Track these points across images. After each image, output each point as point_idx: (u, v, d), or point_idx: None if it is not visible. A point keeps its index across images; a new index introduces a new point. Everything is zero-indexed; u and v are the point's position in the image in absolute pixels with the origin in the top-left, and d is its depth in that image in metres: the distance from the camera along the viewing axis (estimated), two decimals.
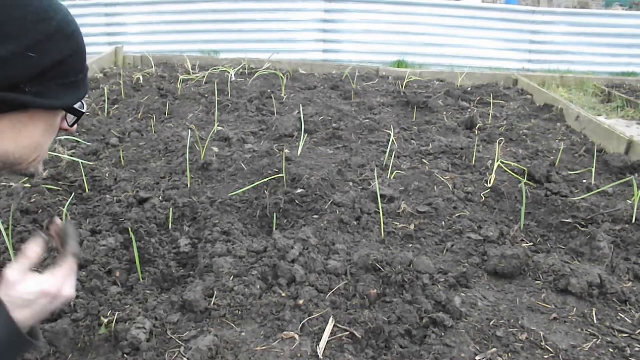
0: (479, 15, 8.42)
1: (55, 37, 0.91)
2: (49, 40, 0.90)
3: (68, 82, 0.97)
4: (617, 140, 3.33)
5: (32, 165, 1.04)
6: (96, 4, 8.10)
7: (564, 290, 1.82)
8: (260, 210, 2.32)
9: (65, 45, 0.94)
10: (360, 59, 7.79)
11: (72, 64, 0.97)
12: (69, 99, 0.99)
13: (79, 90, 1.01)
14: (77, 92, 1.01)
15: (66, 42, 0.94)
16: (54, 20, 0.90)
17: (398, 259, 1.88)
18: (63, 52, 0.93)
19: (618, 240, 2.15)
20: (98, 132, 3.30)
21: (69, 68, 0.96)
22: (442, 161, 2.96)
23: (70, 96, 0.99)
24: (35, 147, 1.01)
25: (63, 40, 0.93)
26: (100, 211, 2.25)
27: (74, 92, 1.00)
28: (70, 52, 0.95)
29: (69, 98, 0.99)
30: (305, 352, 1.47)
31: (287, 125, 3.42)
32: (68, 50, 0.94)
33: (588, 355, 1.51)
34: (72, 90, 0.99)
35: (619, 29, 8.45)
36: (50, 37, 0.90)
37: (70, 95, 0.99)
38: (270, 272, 1.82)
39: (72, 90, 0.99)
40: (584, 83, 6.22)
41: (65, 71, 0.96)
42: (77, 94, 1.01)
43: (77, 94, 1.01)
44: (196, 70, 5.27)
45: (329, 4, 8.17)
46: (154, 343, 1.51)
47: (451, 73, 5.64)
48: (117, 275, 1.82)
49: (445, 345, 1.51)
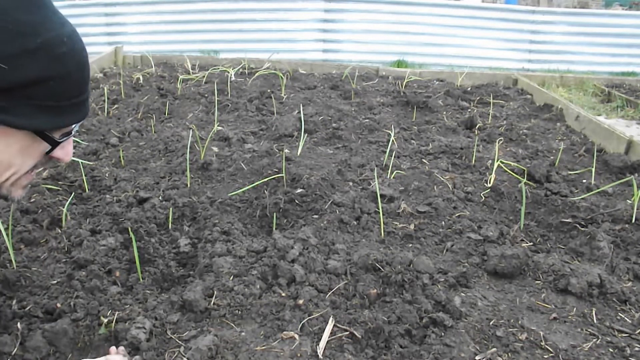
0: (479, 15, 8.42)
1: (37, 54, 0.86)
2: (27, 57, 0.85)
3: (44, 105, 0.90)
4: (617, 140, 3.33)
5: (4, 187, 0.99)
6: (96, 4, 8.10)
7: (564, 290, 1.82)
8: (260, 210, 2.32)
9: (48, 66, 0.88)
10: (360, 59, 7.79)
11: (53, 87, 0.90)
12: (41, 123, 0.92)
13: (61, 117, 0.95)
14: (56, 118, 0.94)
15: (50, 62, 0.88)
16: (39, 38, 0.86)
17: (398, 259, 1.88)
18: (43, 72, 0.88)
19: (618, 240, 2.15)
20: (98, 132, 3.30)
21: (48, 90, 0.90)
22: (442, 161, 2.96)
23: (44, 120, 0.92)
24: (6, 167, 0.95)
25: (46, 60, 0.87)
26: (100, 211, 2.25)
27: (52, 118, 0.93)
28: (53, 73, 0.89)
29: (41, 122, 0.92)
30: (305, 352, 1.47)
31: (287, 125, 3.42)
32: (50, 71, 0.88)
33: (588, 355, 1.51)
34: (49, 114, 0.92)
35: (619, 29, 8.45)
36: (30, 53, 0.85)
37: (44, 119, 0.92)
38: (270, 272, 1.82)
39: (50, 115, 0.92)
40: (584, 83, 6.22)
41: (42, 93, 0.89)
42: (56, 121, 0.94)
43: (56, 120, 0.94)
44: (196, 70, 5.27)
45: (329, 4, 8.17)
46: (154, 343, 1.51)
47: (451, 73, 5.64)
48: (117, 275, 1.82)
49: (445, 345, 1.51)
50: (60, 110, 0.94)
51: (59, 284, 1.74)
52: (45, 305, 1.63)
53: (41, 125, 0.93)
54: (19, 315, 1.59)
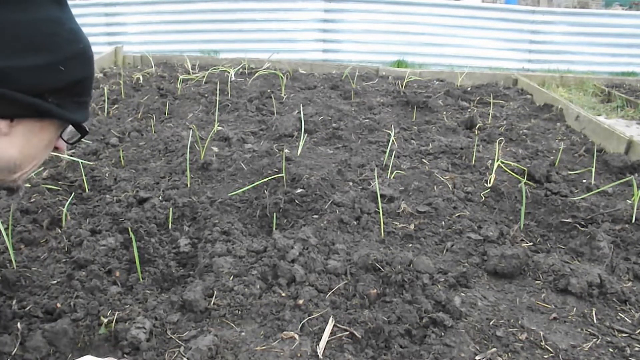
0: (479, 15, 8.42)
1: (81, 58, 1.01)
2: (76, 60, 1.00)
3: (80, 101, 1.06)
4: (617, 140, 3.33)
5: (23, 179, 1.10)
6: (96, 4, 8.10)
7: (564, 290, 1.82)
8: (260, 210, 2.32)
9: (86, 68, 1.03)
10: (360, 59, 7.80)
11: (86, 86, 1.06)
12: (79, 116, 1.08)
13: (86, 111, 1.11)
14: (85, 112, 1.10)
15: (87, 64, 1.03)
16: (81, 43, 1.01)
17: (398, 259, 1.88)
18: (83, 73, 1.03)
19: (618, 240, 2.15)
20: (98, 132, 3.30)
21: (84, 88, 1.05)
22: (442, 161, 2.96)
23: (80, 114, 1.08)
24: (33, 158, 1.07)
25: (85, 62, 1.03)
26: (100, 211, 2.25)
27: (83, 111, 1.09)
28: (88, 74, 1.05)
29: (79, 115, 1.08)
30: (305, 352, 1.47)
31: (287, 125, 3.42)
32: (87, 72, 1.04)
33: (588, 355, 1.51)
34: (82, 109, 1.08)
35: (619, 29, 8.45)
36: (78, 57, 1.00)
37: (80, 113, 1.08)
38: (270, 272, 1.82)
39: (83, 109, 1.08)
40: (584, 83, 6.22)
41: (81, 90, 1.05)
42: (85, 114, 1.10)
43: (85, 113, 1.10)
44: (196, 70, 5.27)
45: (329, 4, 8.17)
46: (154, 343, 1.51)
47: (451, 73, 5.64)
48: (117, 275, 1.82)
49: (445, 345, 1.51)
50: (87, 105, 1.11)
51: (59, 284, 1.74)
52: (45, 305, 1.63)
53: (79, 118, 1.08)
54: (19, 315, 1.59)
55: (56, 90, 0.98)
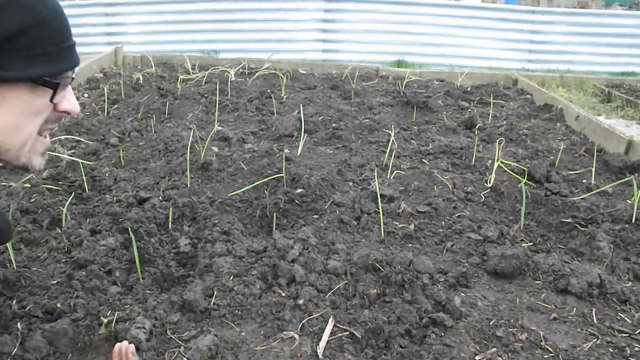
0: (479, 15, 8.41)
1: (9, 7, 0.88)
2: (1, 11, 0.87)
3: (34, 54, 0.93)
4: (617, 140, 3.33)
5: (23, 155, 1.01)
6: (96, 4, 8.09)
7: (564, 290, 1.82)
8: (260, 210, 2.32)
9: (25, 15, 0.90)
10: (360, 59, 7.79)
11: (37, 35, 0.92)
12: (34, 71, 0.94)
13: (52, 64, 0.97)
14: (48, 65, 0.96)
15: (25, 12, 0.90)
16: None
17: (398, 259, 1.88)
18: (23, 23, 0.89)
19: (618, 240, 2.15)
20: (98, 132, 3.30)
21: (32, 39, 0.92)
22: (442, 161, 2.96)
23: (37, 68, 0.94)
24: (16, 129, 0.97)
25: (20, 10, 0.89)
26: (100, 211, 2.25)
27: (44, 65, 0.95)
28: (34, 22, 0.91)
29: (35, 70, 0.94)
30: (305, 352, 1.47)
31: (287, 125, 3.42)
32: (29, 20, 0.90)
33: (588, 355, 1.51)
34: (41, 62, 0.94)
35: (619, 29, 8.44)
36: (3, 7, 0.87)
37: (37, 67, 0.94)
38: (270, 272, 1.82)
39: (42, 62, 0.94)
40: (584, 83, 6.21)
41: (27, 42, 0.91)
42: (49, 67, 0.96)
43: (49, 66, 0.96)
44: (196, 70, 5.27)
45: (329, 4, 8.17)
46: (154, 343, 1.51)
47: (451, 73, 5.64)
48: (117, 275, 1.82)
49: (445, 345, 1.51)
50: (51, 57, 0.96)
51: (59, 284, 1.74)
52: (45, 305, 1.63)
53: (35, 73, 0.94)
54: (19, 315, 1.59)
55: None
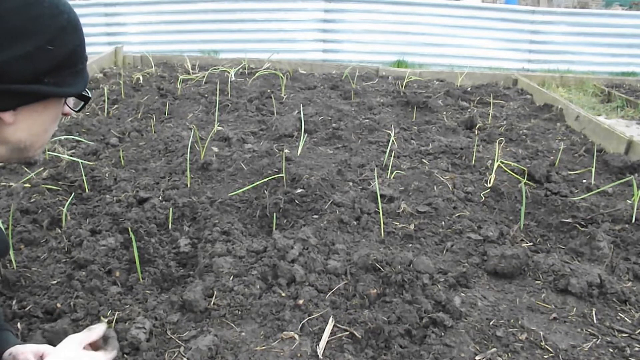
0: (479, 15, 8.42)
1: (68, 29, 0.97)
2: (63, 33, 0.96)
3: (77, 70, 1.03)
4: (617, 140, 3.33)
5: (37, 153, 1.11)
6: (96, 4, 8.10)
7: (564, 290, 1.82)
8: (260, 210, 2.32)
9: (76, 36, 1.00)
10: (360, 59, 7.79)
11: (80, 53, 1.03)
12: (79, 86, 1.05)
13: (85, 77, 1.08)
14: (84, 78, 1.07)
15: (75, 33, 1.00)
16: (65, 14, 0.97)
17: (398, 259, 1.88)
18: (74, 43, 0.99)
19: (618, 240, 2.15)
20: (98, 132, 3.30)
21: (77, 57, 1.02)
22: (442, 161, 2.96)
23: (80, 83, 1.05)
24: (43, 134, 1.08)
25: (73, 31, 0.99)
26: (100, 211, 2.25)
27: (82, 79, 1.06)
28: (79, 42, 1.01)
29: (79, 85, 1.05)
30: (305, 352, 1.47)
31: (287, 125, 3.42)
32: (77, 40, 1.00)
33: (588, 355, 1.51)
34: (80, 77, 1.05)
35: (619, 29, 8.44)
36: (64, 30, 0.96)
37: (79, 82, 1.05)
38: (270, 272, 1.82)
39: (81, 77, 1.05)
40: (584, 83, 6.22)
41: (75, 60, 1.02)
42: (84, 81, 1.07)
43: (84, 80, 1.07)
44: (196, 70, 5.27)
45: (329, 4, 8.17)
46: (154, 343, 1.51)
47: (451, 73, 5.64)
48: (117, 275, 1.82)
49: (445, 345, 1.51)
50: (84, 71, 1.08)
51: (59, 284, 1.74)
52: (45, 305, 1.63)
53: (79, 88, 1.06)
54: (19, 315, 1.59)
55: (52, 69, 0.97)
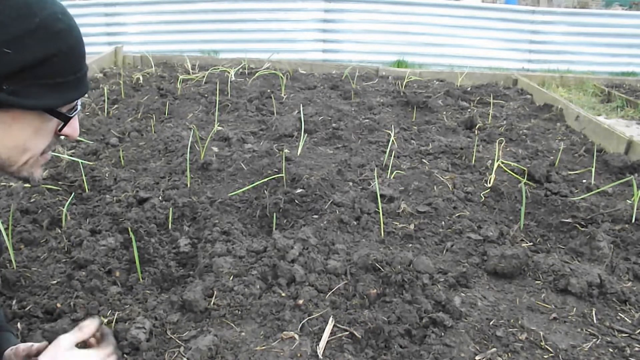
0: (479, 15, 8.42)
1: (37, 34, 0.87)
2: (29, 37, 0.86)
3: (53, 82, 0.92)
4: (617, 140, 3.33)
5: (25, 170, 1.02)
6: (96, 4, 8.10)
7: (564, 290, 1.82)
8: (260, 210, 2.32)
9: (50, 44, 0.89)
10: (360, 59, 7.79)
11: (58, 64, 0.92)
12: (51, 101, 0.94)
13: (68, 93, 0.96)
14: (64, 94, 0.95)
15: (50, 40, 0.89)
16: (37, 17, 0.87)
17: (398, 259, 1.88)
18: (46, 51, 0.89)
19: (618, 240, 2.15)
20: (98, 132, 3.30)
21: (54, 68, 0.91)
22: (442, 161, 2.96)
23: (54, 98, 0.94)
24: (22, 150, 0.97)
25: (47, 38, 0.88)
26: (100, 211, 2.25)
27: (61, 94, 0.95)
28: (55, 51, 0.90)
29: (52, 100, 0.93)
30: (305, 352, 1.47)
31: (287, 125, 3.42)
32: (53, 49, 0.90)
33: (588, 355, 1.51)
34: (57, 92, 0.94)
35: (619, 29, 8.45)
36: (31, 33, 0.86)
37: (54, 97, 0.94)
38: (270, 272, 1.82)
39: (58, 92, 0.94)
40: (584, 83, 6.22)
41: (49, 71, 0.91)
42: (65, 97, 0.96)
43: (65, 96, 0.96)
44: (196, 70, 5.27)
45: (329, 4, 8.17)
46: (154, 343, 1.51)
47: (451, 73, 5.64)
48: (117, 275, 1.82)
49: (445, 345, 1.51)
50: (67, 86, 0.96)
51: (59, 284, 1.74)
52: (45, 305, 1.63)
53: (52, 103, 0.94)
54: (19, 315, 1.59)
55: (9, 76, 0.86)
